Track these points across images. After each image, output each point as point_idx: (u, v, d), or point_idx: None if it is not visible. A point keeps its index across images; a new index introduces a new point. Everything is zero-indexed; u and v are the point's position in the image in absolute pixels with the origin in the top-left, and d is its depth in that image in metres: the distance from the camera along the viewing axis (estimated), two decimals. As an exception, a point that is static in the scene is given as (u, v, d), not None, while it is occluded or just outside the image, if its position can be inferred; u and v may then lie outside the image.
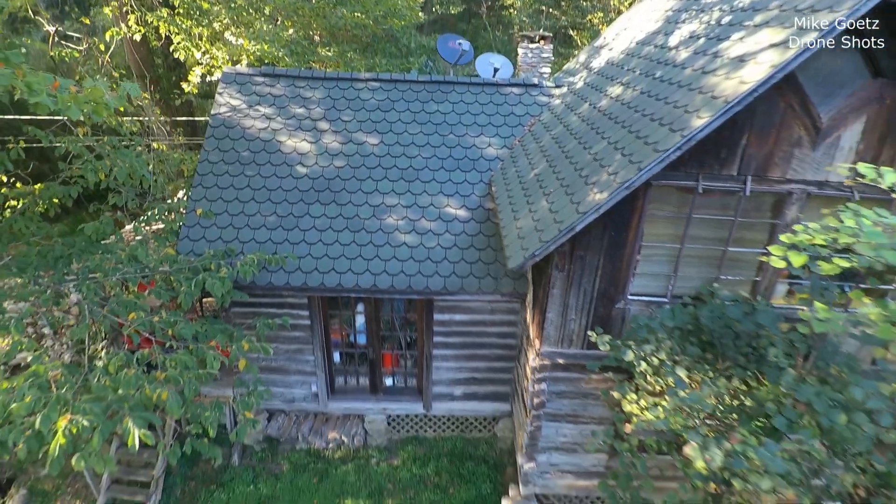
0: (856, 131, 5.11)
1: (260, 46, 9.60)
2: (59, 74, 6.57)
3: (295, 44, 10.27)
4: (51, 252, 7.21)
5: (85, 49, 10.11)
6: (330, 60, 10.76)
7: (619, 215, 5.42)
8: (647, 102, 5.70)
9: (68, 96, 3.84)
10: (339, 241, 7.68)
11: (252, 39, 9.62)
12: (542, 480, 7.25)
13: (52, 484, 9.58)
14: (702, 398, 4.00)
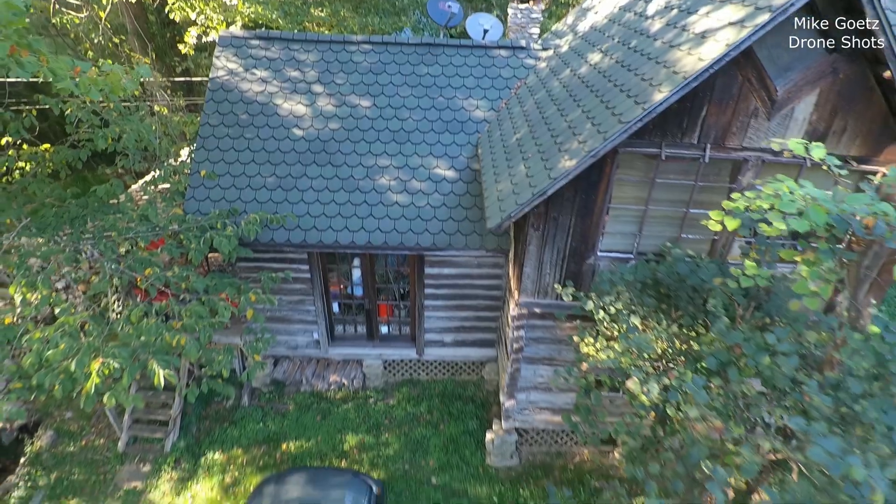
0: (809, 103, 5.54)
1: (254, 8, 9.78)
2: (59, 39, 6.88)
3: (288, 4, 10.40)
4: (66, 213, 7.75)
5: (85, 15, 10.23)
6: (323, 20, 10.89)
7: (589, 180, 5.93)
8: (620, 73, 6.10)
9: (88, 80, 4.28)
10: (334, 200, 8.20)
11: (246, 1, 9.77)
12: (521, 416, 8.09)
13: (77, 425, 10.49)
14: (647, 341, 4.65)
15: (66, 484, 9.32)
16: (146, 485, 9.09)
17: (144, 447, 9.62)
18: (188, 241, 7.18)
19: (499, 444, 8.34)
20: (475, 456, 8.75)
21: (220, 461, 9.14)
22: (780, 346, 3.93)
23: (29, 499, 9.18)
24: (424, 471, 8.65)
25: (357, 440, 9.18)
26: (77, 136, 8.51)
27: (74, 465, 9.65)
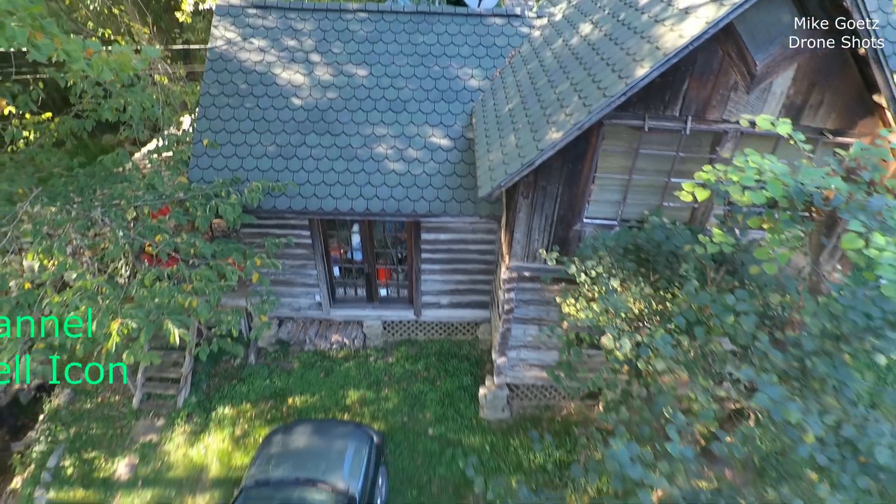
0: (787, 77, 5.78)
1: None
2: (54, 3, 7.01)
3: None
4: (75, 182, 8.04)
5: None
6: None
7: (576, 150, 6.22)
8: (607, 46, 6.31)
9: (101, 60, 4.52)
10: (333, 168, 8.49)
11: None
12: (512, 372, 8.61)
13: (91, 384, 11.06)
14: (624, 302, 5.06)
15: (84, 438, 9.93)
16: (161, 438, 9.71)
17: (158, 403, 10.20)
18: (194, 208, 7.51)
19: (491, 398, 8.90)
20: (469, 409, 9.34)
21: (230, 415, 9.73)
22: (740, 306, 4.34)
23: (50, 452, 9.80)
24: (422, 423, 9.25)
25: (358, 395, 9.76)
26: (81, 106, 8.73)
27: (92, 421, 10.26)
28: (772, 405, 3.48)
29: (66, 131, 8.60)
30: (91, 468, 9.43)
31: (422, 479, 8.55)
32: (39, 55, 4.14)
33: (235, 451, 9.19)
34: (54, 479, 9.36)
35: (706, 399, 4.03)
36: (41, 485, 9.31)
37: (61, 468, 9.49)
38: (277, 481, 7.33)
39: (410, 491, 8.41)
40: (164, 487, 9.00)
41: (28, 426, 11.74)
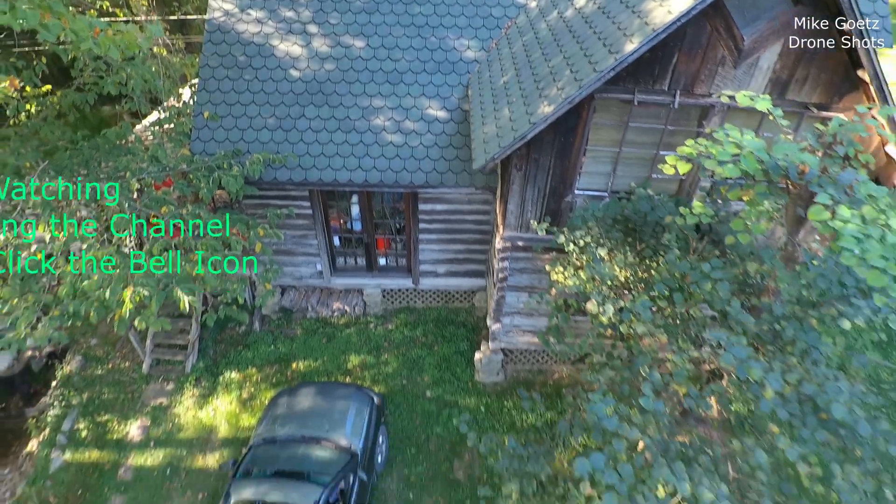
0: (774, 52, 5.92)
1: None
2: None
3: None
4: (80, 155, 8.22)
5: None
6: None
7: (568, 124, 6.40)
8: (600, 19, 6.42)
9: (108, 39, 4.67)
10: (332, 140, 8.65)
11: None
12: (506, 338, 8.98)
13: (103, 350, 11.46)
14: (609, 269, 5.34)
15: (97, 402, 10.37)
16: (171, 401, 10.15)
17: (167, 369, 10.61)
18: (198, 180, 7.73)
19: (486, 362, 9.30)
20: (465, 373, 9.76)
21: (237, 379, 10.15)
22: (714, 273, 4.61)
23: (64, 416, 10.25)
24: (420, 386, 9.68)
25: (359, 360, 10.16)
26: (82, 79, 8.83)
27: (104, 386, 10.68)
28: (737, 363, 3.79)
29: (68, 104, 8.72)
30: (104, 430, 9.88)
31: (420, 437, 9.02)
32: (49, 35, 4.29)
33: (243, 413, 9.64)
34: (69, 441, 9.83)
35: (681, 359, 4.35)
36: (57, 447, 9.77)
37: (76, 431, 9.94)
38: (284, 439, 7.77)
39: (409, 449, 8.89)
40: (176, 447, 9.47)
41: (40, 393, 12.19)
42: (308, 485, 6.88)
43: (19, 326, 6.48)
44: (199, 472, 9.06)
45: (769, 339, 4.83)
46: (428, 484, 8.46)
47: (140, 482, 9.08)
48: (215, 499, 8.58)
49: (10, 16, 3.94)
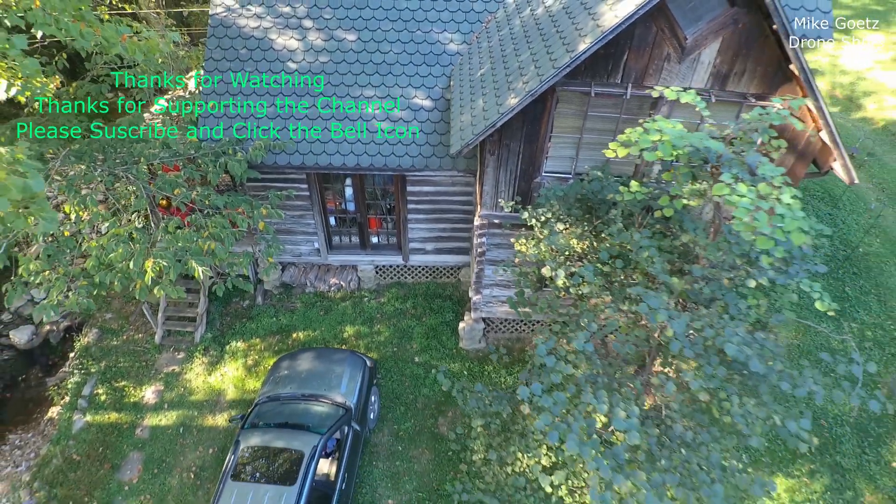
0: (714, 49, 6.70)
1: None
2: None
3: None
4: (97, 143, 9.02)
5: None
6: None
7: (534, 113, 7.21)
8: (563, 19, 7.19)
9: (133, 45, 5.44)
10: (327, 127, 9.45)
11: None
12: (486, 308, 9.87)
13: (118, 324, 12.38)
14: (565, 240, 6.19)
15: (114, 370, 11.32)
16: (182, 368, 11.09)
17: (177, 339, 11.54)
18: (205, 165, 8.55)
19: (469, 331, 10.21)
20: (450, 341, 10.68)
21: (242, 348, 11.08)
22: (643, 242, 5.47)
23: (84, 383, 11.20)
24: (409, 352, 10.61)
25: (354, 330, 11.08)
26: (95, 71, 9.59)
27: (119, 356, 11.62)
28: (648, 311, 4.65)
29: (83, 94, 9.49)
30: (121, 395, 10.84)
31: (409, 397, 9.97)
32: (86, 43, 5.06)
33: (248, 378, 10.58)
34: (89, 405, 10.79)
35: (613, 311, 5.21)
36: (78, 410, 10.74)
37: (95, 395, 10.90)
38: (286, 397, 8.71)
39: (399, 407, 9.84)
40: (187, 409, 10.44)
41: (58, 364, 13.13)
42: (308, 433, 7.82)
43: (51, 294, 7.36)
44: (210, 429, 10.03)
45: (696, 298, 5.71)
46: (415, 437, 9.44)
47: (156, 439, 10.05)
48: (224, 452, 9.55)
49: (54, 28, 4.73)
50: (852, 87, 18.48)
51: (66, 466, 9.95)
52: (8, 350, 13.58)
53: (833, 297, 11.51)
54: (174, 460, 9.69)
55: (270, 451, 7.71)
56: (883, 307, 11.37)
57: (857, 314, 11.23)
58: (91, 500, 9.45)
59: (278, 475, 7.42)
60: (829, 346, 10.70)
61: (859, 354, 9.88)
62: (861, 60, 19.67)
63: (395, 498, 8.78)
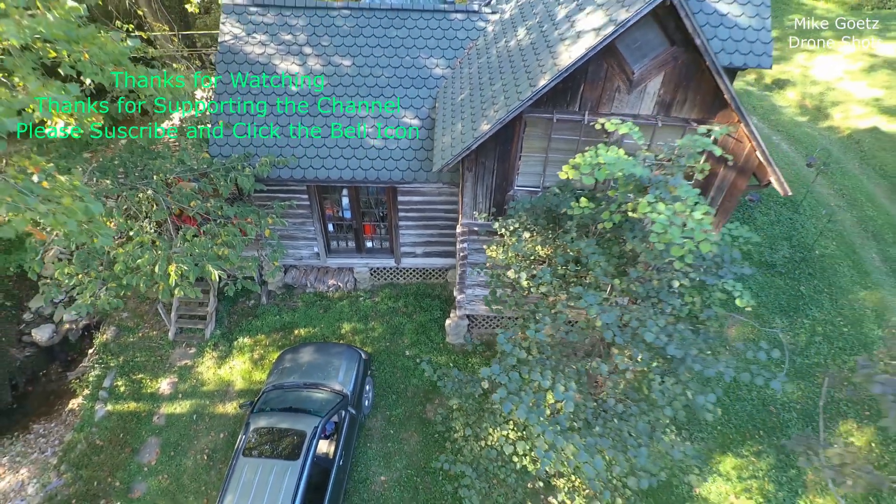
0: (658, 81, 7.78)
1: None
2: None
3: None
4: (118, 158, 10.09)
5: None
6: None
7: (506, 136, 8.29)
8: (529, 54, 8.27)
9: (163, 85, 6.50)
10: (325, 144, 10.52)
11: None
12: (469, 306, 10.95)
13: (133, 322, 13.43)
14: (530, 247, 7.25)
15: (132, 364, 12.38)
16: (194, 362, 12.16)
17: (189, 336, 12.60)
18: (217, 179, 9.62)
19: (454, 327, 11.30)
20: (438, 336, 11.77)
21: (249, 343, 12.16)
22: (588, 249, 6.54)
23: (104, 376, 12.26)
24: (400, 346, 11.69)
25: (351, 327, 12.16)
26: (113, 93, 10.65)
27: (136, 351, 12.68)
28: (585, 305, 5.71)
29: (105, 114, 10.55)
30: (139, 386, 11.90)
31: (400, 387, 11.05)
32: (123, 84, 6.11)
33: (255, 370, 11.66)
34: (110, 395, 11.85)
35: (562, 307, 6.28)
36: (100, 400, 11.79)
37: (115, 387, 11.96)
38: (289, 385, 9.79)
39: (391, 395, 10.93)
40: (200, 398, 11.51)
41: (76, 360, 14.21)
42: (309, 416, 8.89)
43: (84, 295, 8.43)
44: (220, 416, 11.10)
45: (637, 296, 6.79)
46: (405, 422, 10.52)
47: (171, 426, 11.12)
48: (233, 437, 10.62)
49: (101, 76, 5.78)
50: (821, 97, 19.55)
51: (90, 451, 11.00)
52: (30, 347, 14.66)
53: (788, 296, 12.64)
54: (188, 444, 10.76)
55: (276, 431, 8.79)
56: (834, 305, 12.46)
57: (810, 311, 12.31)
58: (114, 480, 10.50)
59: (284, 452, 8.50)
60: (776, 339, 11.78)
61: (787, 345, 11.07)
62: (831, 71, 20.73)
63: (386, 475, 9.87)
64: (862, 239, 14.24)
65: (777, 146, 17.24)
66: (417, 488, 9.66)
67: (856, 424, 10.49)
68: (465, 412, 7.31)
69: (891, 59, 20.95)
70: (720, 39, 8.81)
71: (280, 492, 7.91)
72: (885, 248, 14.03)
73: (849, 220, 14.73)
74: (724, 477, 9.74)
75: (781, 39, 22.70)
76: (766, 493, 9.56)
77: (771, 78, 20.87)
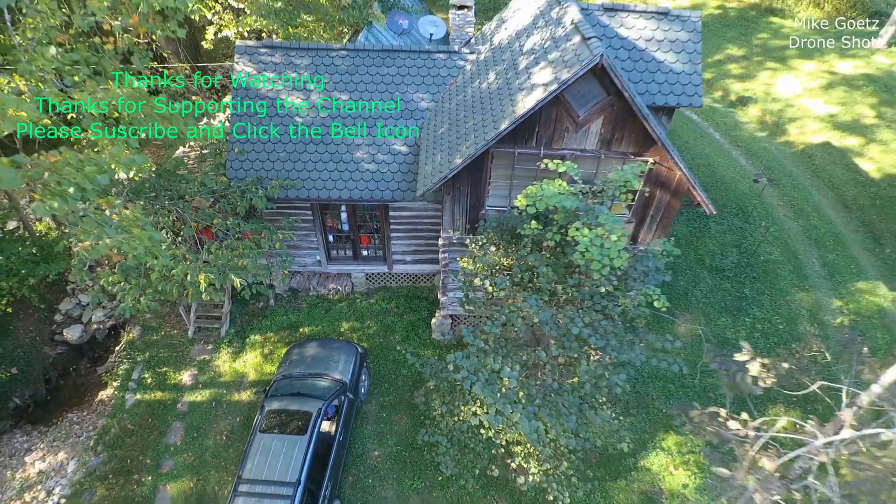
0: (599, 123, 9.50)
1: (261, 22, 13.08)
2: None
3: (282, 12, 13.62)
4: (149, 182, 11.79)
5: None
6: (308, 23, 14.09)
7: (477, 166, 10.00)
8: (496, 98, 10.00)
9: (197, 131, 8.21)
10: (326, 168, 12.24)
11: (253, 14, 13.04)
12: (451, 307, 12.68)
13: (156, 322, 15.13)
14: (495, 259, 8.96)
15: (156, 359, 14.08)
16: (212, 357, 13.87)
17: (206, 334, 14.31)
18: (234, 199, 11.33)
19: (439, 325, 13.02)
20: (425, 333, 13.50)
21: (260, 340, 13.87)
22: (536, 261, 8.25)
23: (132, 369, 13.96)
24: (392, 342, 13.42)
25: (349, 325, 13.89)
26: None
27: (160, 348, 14.39)
28: (528, 306, 7.42)
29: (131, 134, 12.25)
30: (164, 378, 13.61)
31: (391, 377, 12.78)
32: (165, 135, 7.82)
33: (265, 363, 13.37)
34: (138, 386, 13.55)
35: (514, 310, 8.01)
36: (129, 390, 13.50)
37: (142, 379, 13.67)
38: (297, 375, 11.51)
39: (384, 384, 12.66)
40: (218, 388, 13.22)
41: (103, 357, 15.91)
42: (314, 400, 10.61)
43: (127, 300, 10.14)
44: (236, 403, 12.82)
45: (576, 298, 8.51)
46: (395, 406, 12.25)
47: (194, 412, 12.83)
48: (249, 420, 12.33)
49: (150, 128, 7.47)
50: (780, 114, 21.29)
51: (122, 434, 12.71)
52: (61, 345, 16.36)
53: (734, 297, 14.38)
54: (209, 427, 12.48)
55: (287, 412, 10.51)
56: (773, 305, 14.21)
57: (751, 310, 14.06)
58: (144, 458, 12.21)
59: (293, 429, 10.21)
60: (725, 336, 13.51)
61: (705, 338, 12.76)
62: (792, 88, 22.46)
63: (380, 451, 11.60)
64: (804, 246, 15.98)
65: (736, 160, 18.99)
66: (405, 461, 11.39)
67: (783, 408, 12.22)
68: (441, 393, 9.06)
69: (849, 77, 22.67)
70: (657, 83, 10.56)
71: (291, 460, 9.63)
72: (825, 254, 15.78)
73: (794, 229, 16.47)
74: (666, 451, 11.48)
75: (748, 58, 24.46)
76: (701, 465, 11.29)
77: (736, 95, 22.60)
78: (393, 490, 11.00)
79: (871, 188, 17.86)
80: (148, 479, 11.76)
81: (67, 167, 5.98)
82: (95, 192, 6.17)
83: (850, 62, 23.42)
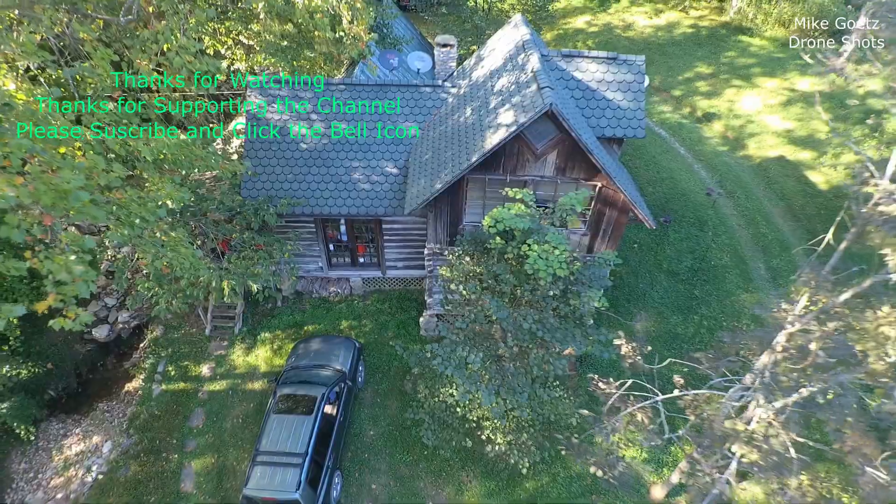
0: (554, 155, 11.46)
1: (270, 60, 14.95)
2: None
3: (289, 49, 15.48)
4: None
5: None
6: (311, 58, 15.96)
7: (454, 190, 11.95)
8: (471, 133, 11.96)
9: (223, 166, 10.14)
10: (327, 188, 14.18)
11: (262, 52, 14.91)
12: (436, 307, 14.64)
13: (177, 321, 17.02)
14: (464, 267, 10.91)
15: (178, 354, 15.98)
16: (227, 352, 15.78)
17: (222, 332, 16.23)
18: (249, 216, 13.26)
19: (426, 323, 14.98)
20: (414, 330, 15.47)
21: (269, 337, 15.80)
22: (499, 269, 10.20)
23: (157, 363, 15.85)
24: (386, 338, 15.38)
25: (348, 324, 15.84)
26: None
27: (181, 344, 16.28)
28: (488, 306, 9.36)
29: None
30: (185, 371, 15.51)
31: (385, 368, 14.74)
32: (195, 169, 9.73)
33: (274, 357, 15.30)
34: (163, 378, 15.45)
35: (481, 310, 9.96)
36: (155, 382, 15.40)
37: (166, 372, 15.57)
38: (303, 366, 13.46)
39: (378, 374, 14.62)
40: (233, 379, 15.14)
41: (128, 353, 17.75)
42: (319, 386, 12.55)
43: (160, 303, 12.08)
44: (250, 391, 14.74)
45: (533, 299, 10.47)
46: (388, 393, 14.21)
47: (213, 399, 14.74)
48: (262, 405, 14.25)
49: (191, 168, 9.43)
50: (741, 129, 23.27)
51: (150, 419, 14.61)
52: (90, 343, 18.23)
53: (685, 298, 16.35)
54: (227, 412, 14.40)
55: (296, 396, 12.46)
56: (720, 304, 16.19)
57: (700, 309, 16.03)
58: (171, 439, 14.12)
59: (301, 410, 12.16)
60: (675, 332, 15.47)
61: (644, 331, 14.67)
62: (754, 104, 24.44)
63: (374, 431, 13.55)
64: (753, 252, 17.98)
65: (696, 173, 20.98)
66: (396, 439, 13.35)
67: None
68: (425, 378, 11.02)
69: (808, 94, 24.64)
70: (606, 118, 12.54)
71: (300, 436, 11.58)
72: (770, 259, 17.77)
73: (745, 237, 18.46)
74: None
75: (715, 76, 26.44)
76: (648, 440, 13.25)
77: (702, 111, 24.58)
78: (385, 463, 12.97)
79: (818, 199, 19.85)
80: (174, 457, 13.67)
81: (133, 203, 7.92)
82: (154, 221, 8.10)
83: (809, 80, 25.38)
